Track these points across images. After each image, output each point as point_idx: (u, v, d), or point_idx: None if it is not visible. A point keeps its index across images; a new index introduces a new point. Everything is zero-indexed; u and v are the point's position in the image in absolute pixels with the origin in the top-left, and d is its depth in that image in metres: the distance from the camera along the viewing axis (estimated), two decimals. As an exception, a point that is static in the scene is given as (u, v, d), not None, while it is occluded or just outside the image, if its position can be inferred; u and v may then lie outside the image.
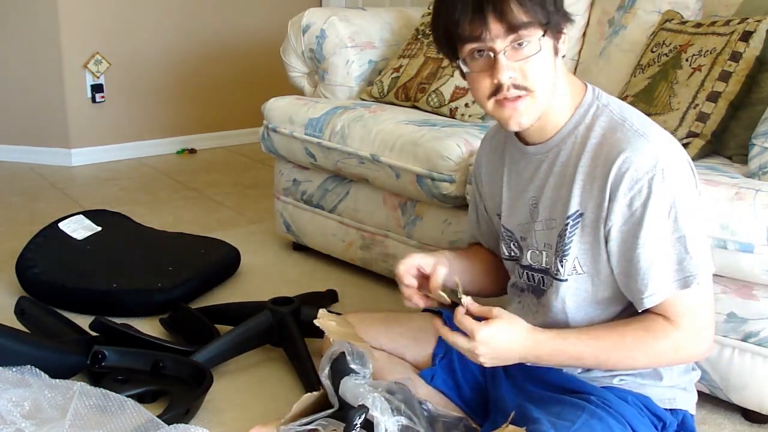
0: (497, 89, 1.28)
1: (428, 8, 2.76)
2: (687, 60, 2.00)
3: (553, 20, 1.27)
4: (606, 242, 1.32)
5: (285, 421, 1.50)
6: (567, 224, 1.35)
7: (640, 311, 1.32)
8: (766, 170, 1.68)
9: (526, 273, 1.47)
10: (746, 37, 1.93)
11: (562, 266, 1.37)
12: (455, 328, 1.60)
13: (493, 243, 1.61)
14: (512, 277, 1.53)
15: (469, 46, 1.28)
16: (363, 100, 2.68)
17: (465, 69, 1.31)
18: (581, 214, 1.34)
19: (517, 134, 1.43)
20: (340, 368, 1.46)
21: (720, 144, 1.94)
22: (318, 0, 4.52)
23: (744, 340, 1.64)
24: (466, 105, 2.41)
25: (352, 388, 1.42)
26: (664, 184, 1.26)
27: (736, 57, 1.93)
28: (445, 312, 1.67)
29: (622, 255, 1.31)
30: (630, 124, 1.31)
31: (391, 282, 2.43)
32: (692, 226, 1.28)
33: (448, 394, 1.56)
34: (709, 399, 1.73)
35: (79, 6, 3.85)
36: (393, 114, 2.37)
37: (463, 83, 2.44)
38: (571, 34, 2.39)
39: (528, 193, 1.43)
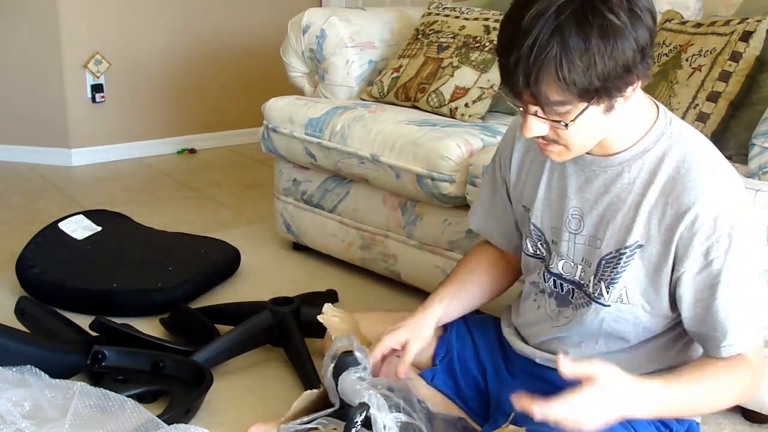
0: None
1: (428, 8, 2.76)
2: (687, 60, 2.00)
3: (608, 90, 1.15)
4: (674, 286, 1.29)
5: (285, 420, 1.50)
6: (623, 253, 1.30)
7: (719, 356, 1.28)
8: (766, 170, 1.68)
9: (554, 279, 1.43)
10: (746, 37, 1.93)
11: (608, 292, 1.33)
12: (456, 332, 1.60)
13: (503, 238, 1.57)
14: (533, 275, 1.48)
15: (509, 97, 1.21)
16: (363, 100, 2.68)
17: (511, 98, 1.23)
18: (641, 246, 1.29)
19: None
20: (341, 365, 1.45)
21: (720, 144, 1.94)
22: (318, 0, 4.52)
23: None
24: (466, 105, 2.41)
25: (351, 385, 1.41)
26: (743, 231, 1.23)
27: (736, 57, 1.93)
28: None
29: (697, 302, 1.27)
30: (710, 164, 1.25)
31: (391, 282, 2.43)
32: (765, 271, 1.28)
33: (448, 395, 1.56)
34: (709, 399, 1.73)
35: (79, 6, 3.85)
36: (393, 114, 2.37)
37: (463, 83, 2.44)
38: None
39: (572, 201, 1.37)
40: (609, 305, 1.34)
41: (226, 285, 2.45)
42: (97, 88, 3.96)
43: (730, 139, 1.94)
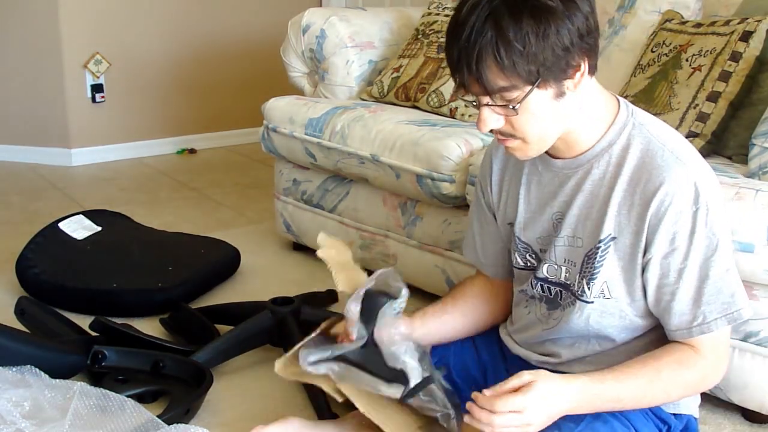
0: None
1: (428, 8, 2.76)
2: (687, 60, 2.00)
3: (551, 71, 1.19)
4: (643, 272, 1.31)
5: (305, 344, 1.48)
6: (598, 247, 1.32)
7: (672, 340, 1.32)
8: (766, 170, 1.68)
9: (541, 284, 1.44)
10: (746, 37, 1.93)
11: (588, 289, 1.35)
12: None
13: (493, 265, 1.58)
14: (523, 285, 1.50)
15: (464, 93, 1.26)
16: (363, 100, 2.68)
17: (467, 98, 1.30)
18: (614, 238, 1.31)
19: None
20: (373, 305, 1.43)
21: (720, 144, 1.94)
22: (318, 0, 4.52)
23: (744, 340, 1.64)
24: (466, 105, 2.41)
25: (388, 332, 1.40)
26: (708, 217, 1.25)
27: (736, 57, 1.93)
28: None
29: (663, 287, 1.30)
30: (671, 148, 1.27)
31: (391, 282, 2.43)
32: (731, 257, 1.29)
33: (447, 395, 1.56)
34: (709, 399, 1.73)
35: (79, 6, 3.85)
36: (393, 114, 2.37)
37: (463, 83, 2.44)
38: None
39: (551, 207, 1.39)
40: (592, 302, 1.35)
41: (226, 285, 2.45)
42: (97, 88, 3.96)
43: (730, 139, 1.94)
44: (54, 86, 3.89)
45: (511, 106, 1.22)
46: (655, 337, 1.38)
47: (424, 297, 2.30)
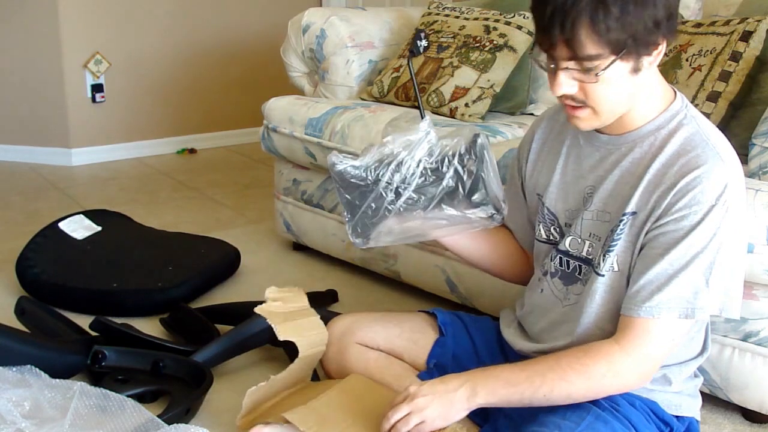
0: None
1: (428, 8, 2.77)
2: (687, 60, 2.00)
3: (639, 43, 1.21)
4: (642, 245, 1.31)
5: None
6: (621, 221, 1.33)
7: (623, 314, 1.30)
8: (766, 170, 1.68)
9: (560, 257, 1.44)
10: (746, 37, 1.93)
11: (604, 261, 1.35)
12: (453, 336, 1.61)
13: (522, 233, 1.59)
14: (542, 261, 1.50)
15: (542, 54, 1.26)
16: (363, 100, 2.68)
17: (540, 59, 1.28)
18: (634, 213, 1.32)
19: None
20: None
21: (720, 144, 1.94)
22: (318, 0, 4.52)
23: (744, 340, 1.64)
24: (466, 105, 2.41)
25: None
26: (720, 215, 1.24)
27: (736, 57, 1.93)
28: (438, 311, 1.67)
29: (645, 257, 1.29)
30: (714, 144, 1.28)
31: (391, 282, 2.43)
32: (724, 263, 1.27)
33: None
34: (709, 399, 1.73)
35: (79, 6, 3.85)
36: (393, 114, 2.37)
37: (463, 83, 2.44)
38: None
39: (586, 180, 1.40)
40: (604, 275, 1.36)
41: (226, 285, 2.45)
42: (97, 88, 3.96)
43: (730, 139, 1.91)
44: (54, 86, 3.89)
45: (594, 73, 1.21)
46: None
47: (424, 297, 2.30)
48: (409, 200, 1.36)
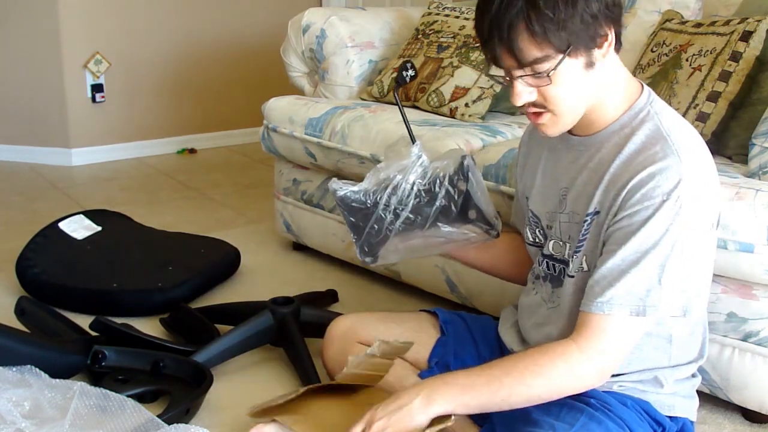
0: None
1: (428, 8, 2.76)
2: (687, 60, 2.00)
3: (581, 38, 1.22)
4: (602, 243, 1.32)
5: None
6: (585, 221, 1.34)
7: (580, 309, 1.30)
8: (766, 170, 1.68)
9: (546, 261, 1.45)
10: (746, 37, 1.93)
11: (572, 261, 1.37)
12: (454, 335, 1.61)
13: (522, 229, 1.60)
14: (534, 265, 1.52)
15: (496, 69, 1.29)
16: (363, 100, 2.68)
17: (498, 76, 1.32)
18: (597, 213, 1.33)
19: None
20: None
21: (720, 144, 1.94)
22: (318, 0, 4.52)
23: (744, 339, 1.64)
24: (466, 105, 2.41)
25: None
26: (672, 211, 1.23)
27: (736, 57, 1.92)
28: (440, 311, 1.67)
29: (603, 253, 1.29)
30: (673, 140, 1.27)
31: (391, 282, 2.43)
32: (680, 262, 1.25)
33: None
34: (709, 399, 1.73)
35: (79, 6, 3.85)
36: (393, 114, 2.37)
37: (463, 83, 2.44)
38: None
39: (561, 182, 1.42)
40: (573, 275, 1.37)
41: (226, 285, 2.45)
42: (97, 88, 3.96)
43: (730, 139, 1.94)
44: (54, 86, 3.89)
45: (545, 75, 1.23)
46: None
47: (424, 297, 2.30)
48: (407, 220, 1.44)
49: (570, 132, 1.39)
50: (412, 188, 1.43)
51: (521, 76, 1.25)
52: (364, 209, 1.47)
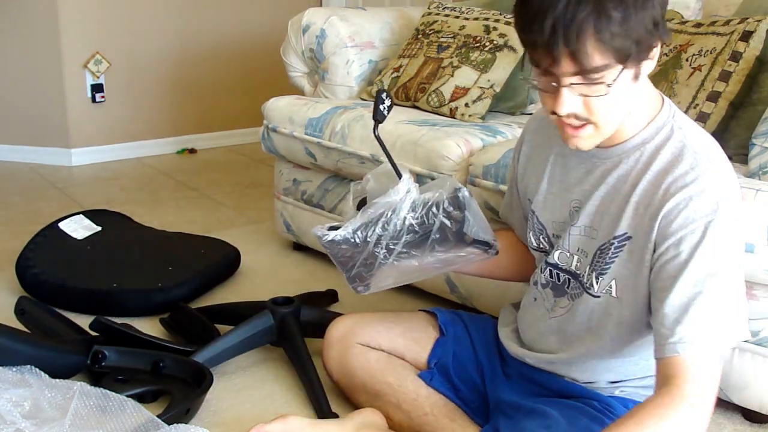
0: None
1: (428, 8, 2.76)
2: (687, 60, 2.00)
3: (641, 47, 1.16)
4: (649, 272, 1.26)
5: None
6: (612, 244, 1.30)
7: (656, 358, 1.22)
8: (766, 170, 1.68)
9: (550, 269, 1.43)
10: (746, 37, 1.93)
11: (597, 283, 1.33)
12: (453, 336, 1.60)
13: (522, 230, 1.58)
14: (536, 270, 1.50)
15: (540, 72, 1.20)
16: (363, 100, 2.68)
17: (533, 79, 1.23)
18: (629, 238, 1.28)
19: None
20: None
21: (720, 144, 1.93)
22: (318, 0, 4.52)
23: (744, 340, 1.64)
24: (466, 105, 2.41)
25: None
26: (722, 234, 1.19)
27: (736, 57, 1.92)
28: (439, 311, 1.67)
29: (657, 292, 1.23)
30: (702, 158, 1.22)
31: (391, 282, 2.43)
32: (737, 281, 1.21)
33: (447, 395, 1.56)
34: (709, 399, 1.73)
35: (79, 6, 3.85)
36: (393, 114, 2.37)
37: (463, 83, 2.44)
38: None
39: (572, 194, 1.37)
40: (599, 296, 1.34)
41: (226, 285, 2.45)
42: (97, 88, 3.96)
43: (730, 139, 1.94)
44: (54, 86, 3.89)
45: (605, 84, 1.16)
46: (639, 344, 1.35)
47: (424, 297, 2.30)
48: (401, 254, 1.39)
49: None
50: (404, 224, 1.37)
51: (575, 84, 1.16)
52: (353, 248, 1.41)
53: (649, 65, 1.21)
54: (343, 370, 1.67)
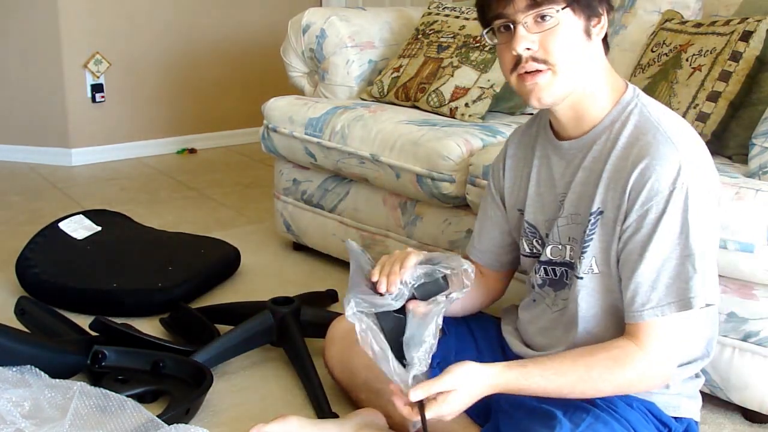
0: (517, 62, 1.29)
1: (428, 8, 2.76)
2: (687, 60, 2.00)
3: (581, 1, 1.28)
4: (620, 250, 1.32)
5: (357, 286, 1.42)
6: (589, 221, 1.34)
7: (625, 323, 1.31)
8: (766, 170, 1.68)
9: (544, 267, 1.45)
10: (746, 37, 1.93)
11: (581, 263, 1.36)
12: (455, 335, 1.59)
13: (486, 254, 1.59)
14: (529, 275, 1.52)
15: (497, 22, 1.31)
16: (363, 100, 2.68)
17: (493, 41, 1.34)
18: (601, 212, 1.33)
19: (553, 129, 1.43)
20: (432, 284, 1.35)
21: (720, 144, 1.94)
22: (318, 0, 4.52)
23: (744, 340, 1.64)
24: (466, 105, 2.41)
25: (427, 309, 1.33)
26: (683, 200, 1.25)
27: (736, 57, 1.92)
28: None
29: (626, 263, 1.30)
30: (664, 128, 1.29)
31: (391, 282, 2.42)
32: (704, 246, 1.27)
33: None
34: (709, 399, 1.73)
35: (79, 6, 3.85)
36: (393, 114, 2.37)
37: (463, 83, 2.44)
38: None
39: (557, 188, 1.42)
40: (582, 277, 1.36)
41: (226, 285, 2.45)
42: (97, 88, 3.96)
43: (730, 139, 1.94)
44: (54, 86, 3.89)
45: (554, 11, 1.26)
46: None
47: (424, 297, 2.30)
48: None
49: (559, 138, 1.40)
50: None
51: (528, 22, 1.27)
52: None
53: (598, 32, 1.32)
54: (344, 368, 1.67)
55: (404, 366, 1.31)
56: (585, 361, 1.29)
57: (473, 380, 1.28)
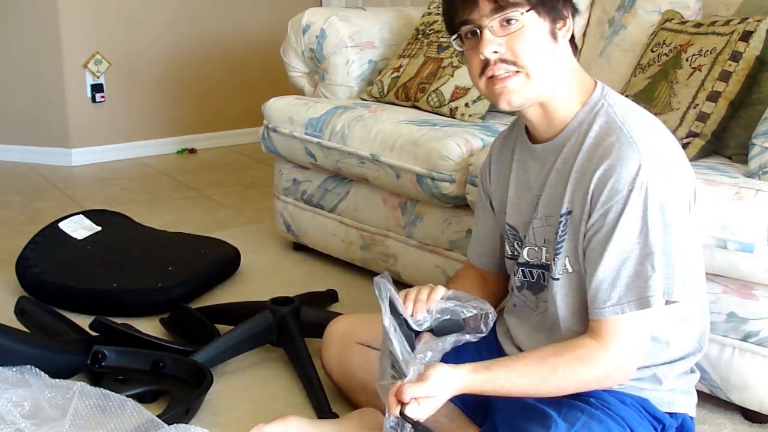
0: (485, 65, 1.31)
1: (428, 8, 2.76)
2: (687, 60, 2.00)
3: (546, 1, 1.30)
4: (583, 240, 1.33)
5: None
6: (560, 222, 1.36)
7: (589, 319, 1.32)
8: (766, 170, 1.68)
9: (522, 270, 1.47)
10: (746, 37, 1.93)
11: (555, 264, 1.37)
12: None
13: (484, 258, 1.60)
14: (511, 277, 1.53)
15: (464, 28, 1.32)
16: (363, 100, 2.68)
17: (461, 47, 1.35)
18: (570, 213, 1.34)
19: (528, 132, 1.44)
20: (451, 322, 1.39)
21: (720, 144, 1.94)
22: (318, 0, 4.52)
23: (744, 340, 1.64)
24: (466, 105, 2.41)
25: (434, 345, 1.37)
26: (642, 200, 1.26)
27: (736, 57, 1.92)
28: None
29: (588, 261, 1.32)
30: (628, 129, 1.30)
31: (391, 282, 2.43)
32: (667, 245, 1.27)
33: (447, 395, 1.56)
34: (709, 399, 1.73)
35: (79, 6, 3.85)
36: (393, 114, 2.37)
37: (463, 83, 2.44)
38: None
39: (533, 191, 1.43)
40: (558, 278, 1.37)
41: (226, 285, 2.45)
42: (97, 88, 3.96)
43: (730, 139, 1.94)
44: (54, 86, 3.89)
45: (520, 13, 1.28)
46: None
47: (424, 297, 2.30)
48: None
49: (534, 141, 1.42)
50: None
51: (494, 25, 1.28)
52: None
53: (564, 34, 1.33)
54: (342, 369, 1.67)
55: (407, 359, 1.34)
56: (549, 363, 1.31)
57: (448, 384, 1.29)
